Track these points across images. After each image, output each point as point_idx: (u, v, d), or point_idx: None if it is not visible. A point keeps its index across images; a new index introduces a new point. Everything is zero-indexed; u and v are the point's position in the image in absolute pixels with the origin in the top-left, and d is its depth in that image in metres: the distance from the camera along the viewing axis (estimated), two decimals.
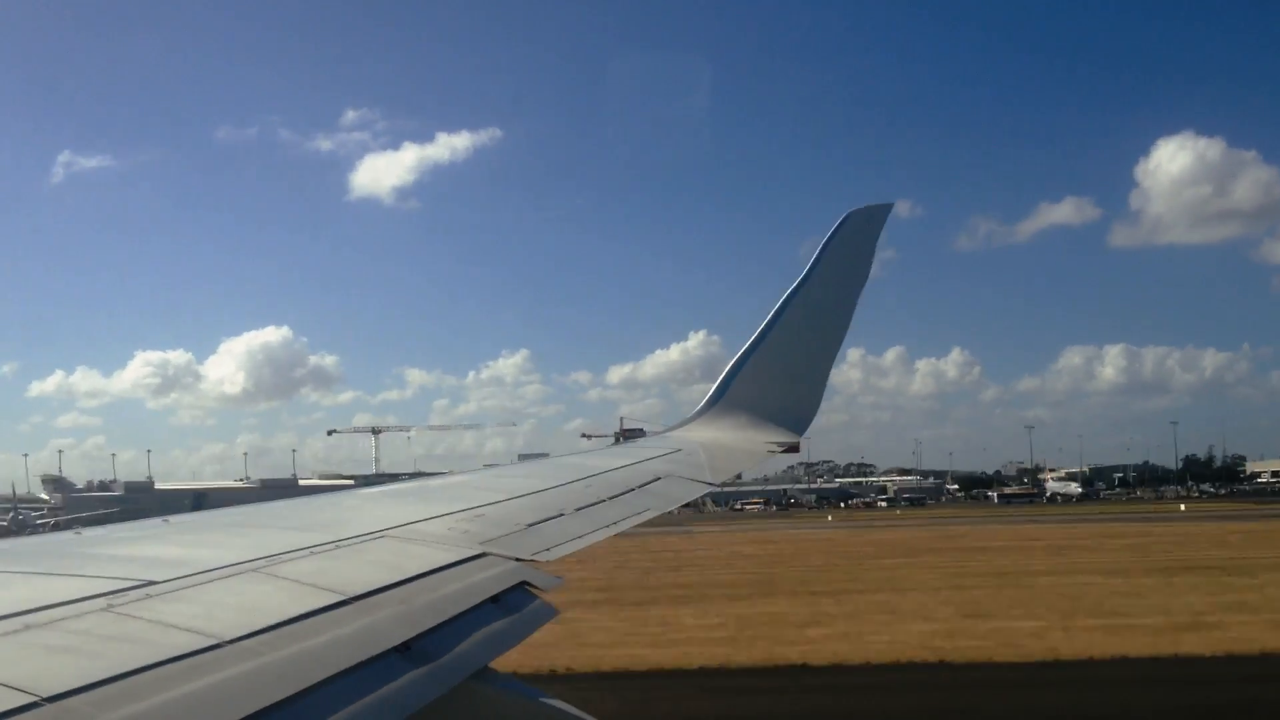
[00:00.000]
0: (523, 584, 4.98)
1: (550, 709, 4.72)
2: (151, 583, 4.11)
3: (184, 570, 4.33)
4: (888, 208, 12.23)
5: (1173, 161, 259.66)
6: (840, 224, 11.94)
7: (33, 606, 3.67)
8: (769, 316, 11.92)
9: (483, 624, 4.44)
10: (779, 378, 11.76)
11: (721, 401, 11.62)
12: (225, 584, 4.29)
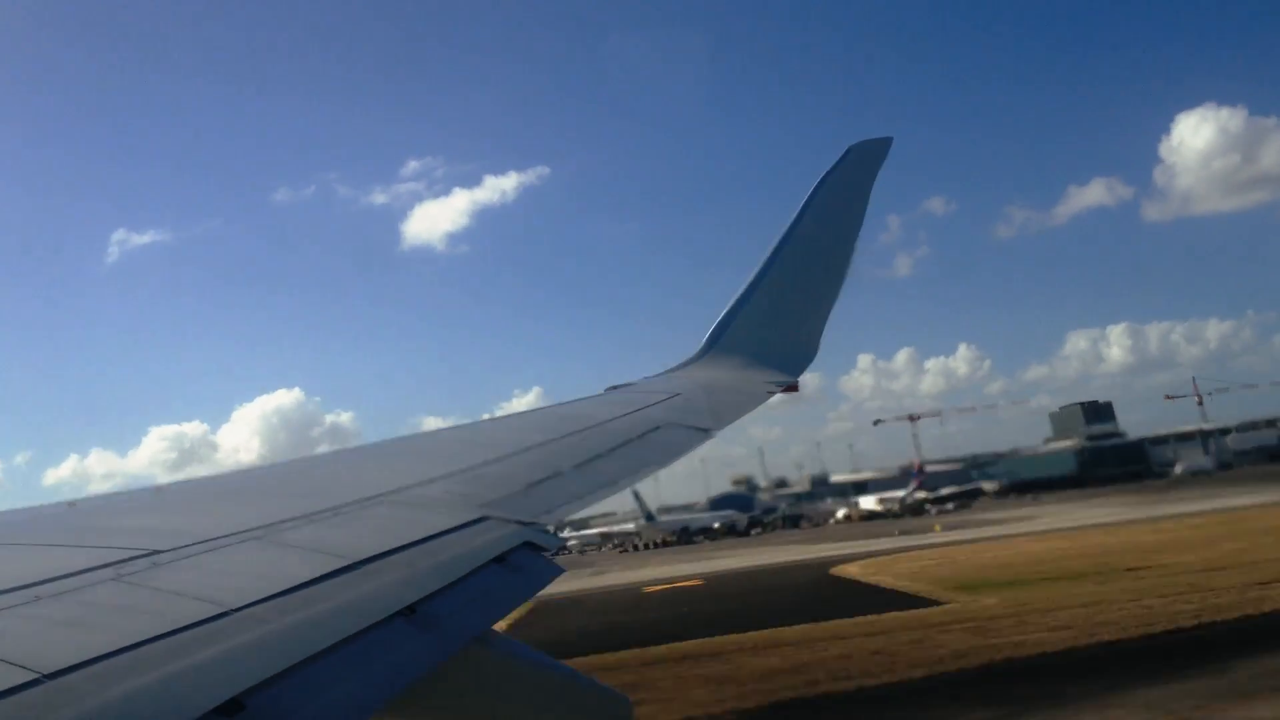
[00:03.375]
0: (526, 544, 4.99)
1: (553, 671, 4.77)
2: (157, 552, 4.12)
3: (187, 539, 4.34)
4: (888, 142, 11.98)
5: (1196, 134, 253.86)
6: (841, 159, 11.70)
7: (40, 579, 3.68)
8: (767, 253, 11.66)
9: (486, 587, 4.46)
10: (778, 317, 11.54)
11: (720, 343, 11.42)
12: (229, 552, 4.30)
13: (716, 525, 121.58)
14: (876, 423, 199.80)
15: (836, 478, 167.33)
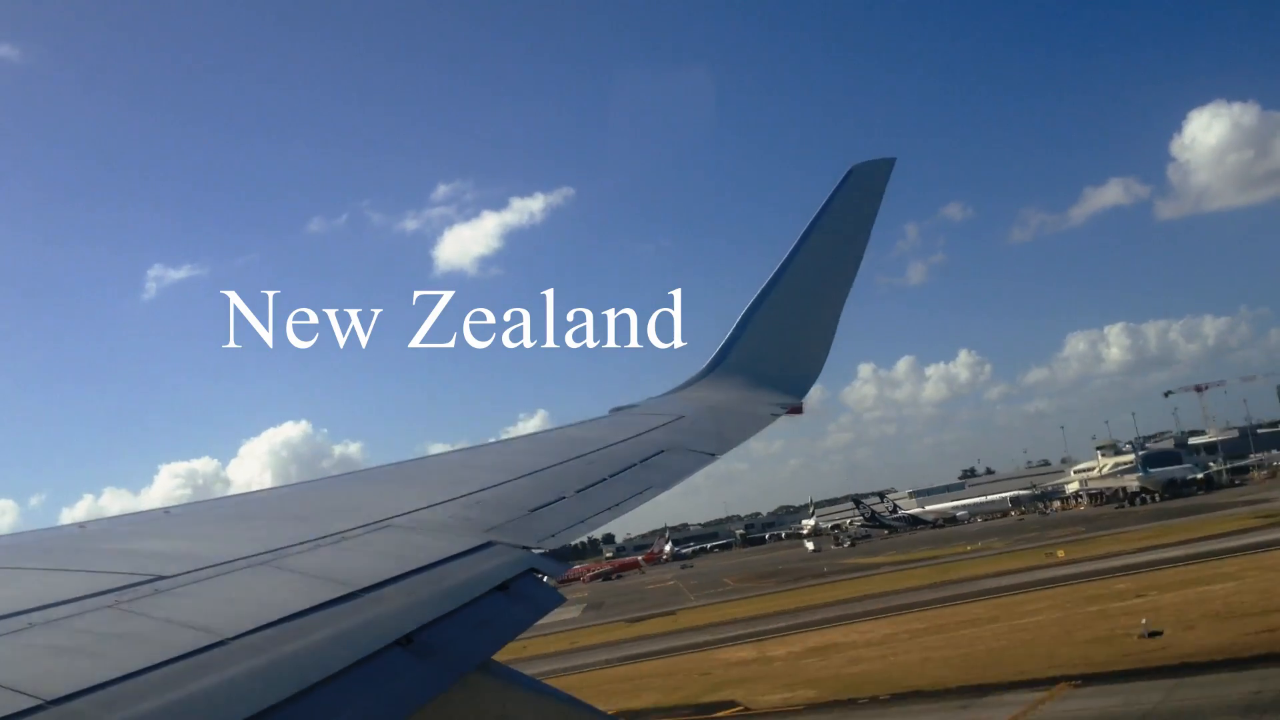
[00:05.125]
0: (530, 571, 4.97)
1: (553, 700, 4.75)
2: (159, 578, 4.11)
3: (191, 565, 4.33)
4: (890, 162, 11.96)
5: (1208, 131, 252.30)
6: (843, 180, 11.68)
7: (38, 604, 3.68)
8: (772, 274, 11.63)
9: (489, 614, 4.44)
10: (782, 338, 11.53)
11: (725, 364, 11.39)
12: (232, 578, 4.28)
13: (1200, 476, 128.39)
14: (1167, 394, 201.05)
15: (1195, 440, 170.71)
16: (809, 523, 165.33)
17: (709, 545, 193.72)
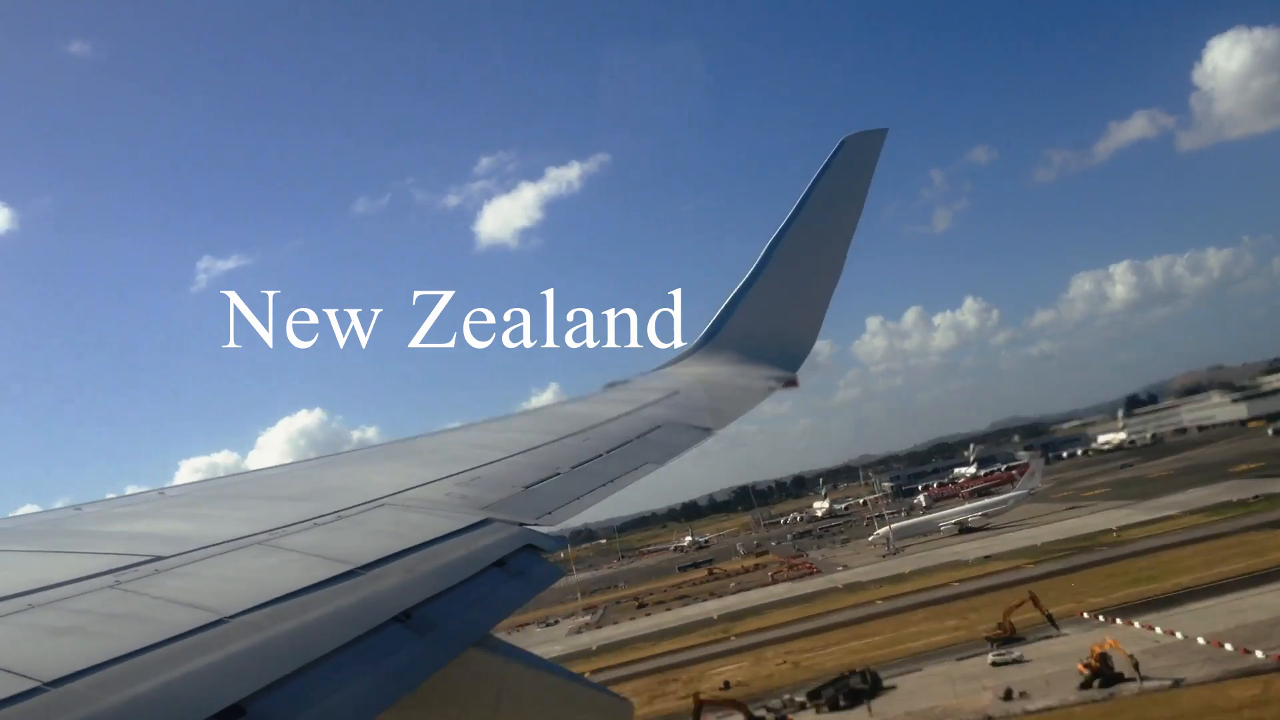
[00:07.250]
0: (527, 547, 4.99)
1: (554, 675, 4.78)
2: (158, 558, 4.13)
3: (189, 545, 4.34)
4: (883, 133, 11.89)
5: (1229, 58, 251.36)
6: (836, 151, 11.59)
7: (37, 586, 3.69)
8: (765, 247, 11.58)
9: (487, 590, 4.45)
10: (775, 311, 11.49)
11: (717, 337, 11.38)
12: (230, 558, 4.30)
13: None
14: None
15: None
16: (1116, 436, 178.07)
17: None
